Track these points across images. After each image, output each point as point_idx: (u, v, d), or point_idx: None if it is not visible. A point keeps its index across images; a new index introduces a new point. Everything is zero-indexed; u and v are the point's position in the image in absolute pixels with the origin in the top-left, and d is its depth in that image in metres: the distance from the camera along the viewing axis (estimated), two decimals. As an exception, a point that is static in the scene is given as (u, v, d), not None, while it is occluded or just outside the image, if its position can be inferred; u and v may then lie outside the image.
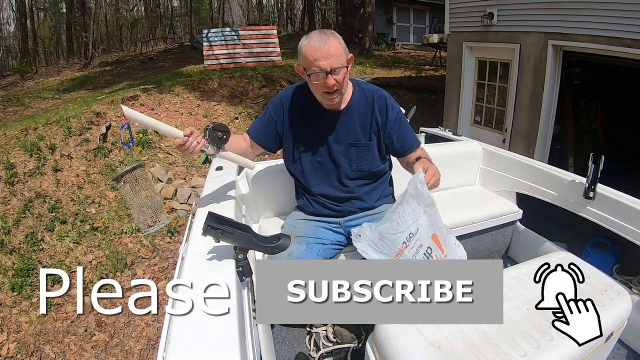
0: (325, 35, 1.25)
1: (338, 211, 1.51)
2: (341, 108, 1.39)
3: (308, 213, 1.57)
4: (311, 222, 1.52)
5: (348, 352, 1.50)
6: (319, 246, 1.44)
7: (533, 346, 0.90)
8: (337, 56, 1.24)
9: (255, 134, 1.47)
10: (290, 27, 22.46)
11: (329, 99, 1.31)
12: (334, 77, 1.24)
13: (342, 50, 1.26)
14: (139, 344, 2.42)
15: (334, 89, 1.28)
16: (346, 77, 1.29)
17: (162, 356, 0.75)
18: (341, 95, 1.33)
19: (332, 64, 1.23)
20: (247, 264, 1.04)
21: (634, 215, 1.52)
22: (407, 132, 1.44)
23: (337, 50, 1.24)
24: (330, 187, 1.49)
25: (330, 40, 1.24)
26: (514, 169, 2.12)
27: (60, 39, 15.79)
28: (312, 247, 1.41)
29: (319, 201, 1.53)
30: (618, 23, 3.29)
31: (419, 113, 5.95)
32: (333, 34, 1.27)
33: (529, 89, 4.33)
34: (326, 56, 1.22)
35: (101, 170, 4.02)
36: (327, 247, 1.47)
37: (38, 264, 2.98)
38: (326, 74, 1.24)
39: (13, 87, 8.97)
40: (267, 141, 1.48)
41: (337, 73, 1.24)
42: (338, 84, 1.26)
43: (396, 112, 1.40)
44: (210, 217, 1.00)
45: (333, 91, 1.28)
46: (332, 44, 1.23)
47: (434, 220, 1.21)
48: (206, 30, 7.47)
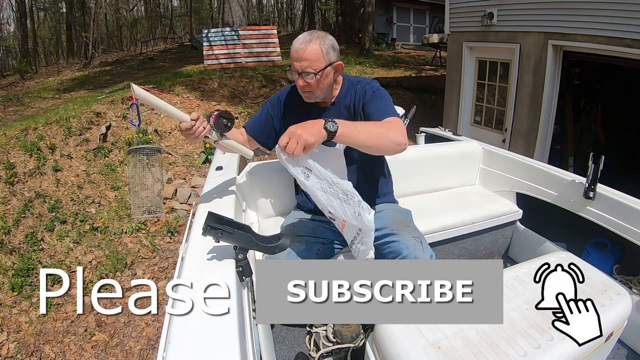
0: (309, 37, 1.27)
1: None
2: (330, 103, 1.41)
3: (307, 211, 1.58)
4: (310, 221, 1.53)
5: (348, 352, 1.50)
6: (318, 245, 1.44)
7: (533, 346, 0.90)
8: (311, 61, 1.25)
9: (252, 129, 1.49)
10: (290, 27, 22.47)
11: (304, 96, 1.35)
12: (303, 79, 1.27)
13: (319, 56, 1.25)
14: (139, 344, 2.42)
15: (304, 89, 1.32)
16: (322, 81, 1.29)
17: (162, 356, 0.75)
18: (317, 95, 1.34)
19: (303, 67, 1.26)
20: (247, 264, 1.04)
21: (634, 215, 1.52)
22: (379, 103, 1.34)
23: (311, 55, 1.25)
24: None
25: (310, 44, 1.25)
26: (514, 169, 2.12)
27: (60, 39, 15.78)
28: (312, 245, 1.41)
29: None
30: (618, 23, 3.29)
31: (419, 113, 5.95)
32: (319, 37, 1.27)
33: (529, 89, 4.33)
34: (299, 58, 1.26)
35: (101, 170, 4.02)
36: (327, 246, 1.47)
37: (38, 264, 2.98)
38: (298, 74, 1.28)
39: (13, 87, 8.97)
40: (263, 137, 1.48)
41: (306, 76, 1.27)
42: (308, 86, 1.29)
43: (374, 89, 1.36)
44: (210, 217, 1.00)
45: (305, 91, 1.32)
46: (310, 48, 1.24)
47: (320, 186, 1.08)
48: (206, 30, 7.47)
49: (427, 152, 2.21)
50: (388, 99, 1.34)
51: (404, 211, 1.52)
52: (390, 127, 1.19)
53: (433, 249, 1.90)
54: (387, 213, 1.46)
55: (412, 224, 1.42)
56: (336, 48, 1.31)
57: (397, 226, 1.36)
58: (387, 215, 1.43)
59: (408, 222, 1.41)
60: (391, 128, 1.18)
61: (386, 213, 1.46)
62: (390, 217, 1.42)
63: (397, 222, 1.39)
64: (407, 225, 1.38)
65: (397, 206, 1.57)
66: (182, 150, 4.56)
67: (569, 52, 3.96)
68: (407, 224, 1.38)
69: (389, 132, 1.15)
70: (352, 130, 1.08)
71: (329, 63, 1.28)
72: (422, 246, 1.28)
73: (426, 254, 1.27)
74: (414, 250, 1.26)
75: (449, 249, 1.99)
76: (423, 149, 2.24)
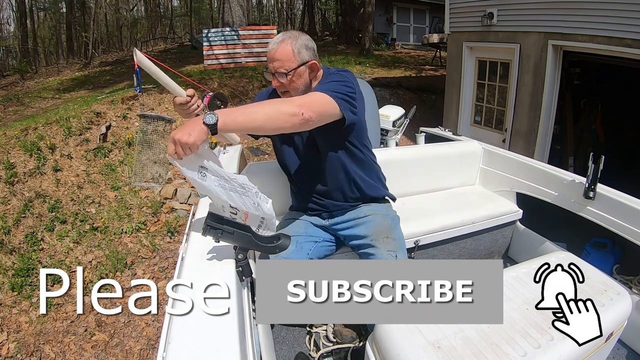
0: (282, 37, 1.27)
1: (321, 205, 1.50)
2: None
3: (298, 209, 1.59)
4: (301, 220, 1.53)
5: (348, 352, 1.50)
6: (310, 244, 1.44)
7: (533, 346, 0.90)
8: (282, 61, 1.25)
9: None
10: (290, 27, 22.45)
11: (281, 96, 1.35)
12: (277, 79, 1.28)
13: (290, 55, 1.25)
14: (139, 344, 2.42)
15: (279, 90, 1.32)
16: (296, 81, 1.28)
17: (162, 356, 0.75)
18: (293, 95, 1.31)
19: (275, 68, 1.27)
20: (247, 264, 1.04)
21: (634, 215, 1.52)
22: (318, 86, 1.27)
23: (282, 56, 1.25)
24: (310, 178, 1.47)
25: (282, 44, 1.25)
26: (514, 169, 2.12)
27: (60, 38, 15.78)
28: (303, 245, 1.40)
29: (303, 195, 1.54)
30: (618, 23, 3.29)
31: (419, 113, 5.95)
32: (291, 37, 1.26)
33: (529, 89, 4.32)
34: (272, 59, 1.27)
35: (101, 170, 4.02)
36: (319, 244, 1.47)
37: (38, 264, 2.98)
38: (272, 75, 1.29)
39: (13, 87, 8.97)
40: None
41: (279, 77, 1.27)
42: (283, 86, 1.30)
43: (328, 75, 1.31)
44: (210, 217, 1.00)
45: (280, 91, 1.33)
46: (281, 48, 1.25)
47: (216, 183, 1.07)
48: (206, 30, 7.47)
49: (427, 152, 2.21)
50: (330, 80, 1.26)
51: (390, 217, 1.47)
52: (287, 100, 1.13)
53: (433, 249, 1.93)
54: (372, 220, 1.42)
55: (393, 233, 1.37)
56: (310, 47, 1.29)
57: (376, 236, 1.34)
58: (370, 224, 1.40)
59: (389, 232, 1.37)
60: (286, 101, 1.12)
61: (371, 219, 1.42)
62: (374, 225, 1.39)
63: (378, 231, 1.36)
64: (386, 235, 1.34)
65: (385, 209, 1.51)
66: (182, 150, 4.56)
67: (569, 52, 3.96)
68: (387, 234, 1.35)
69: (281, 105, 1.07)
70: (234, 117, 1.01)
71: (302, 62, 1.27)
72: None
73: None
74: None
75: (449, 249, 1.99)
76: (423, 149, 2.24)
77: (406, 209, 2.00)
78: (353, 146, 1.39)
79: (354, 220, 1.46)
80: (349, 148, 1.38)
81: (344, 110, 1.21)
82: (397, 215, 1.52)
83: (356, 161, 1.43)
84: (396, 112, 3.10)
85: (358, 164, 1.44)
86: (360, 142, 1.41)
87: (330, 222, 1.51)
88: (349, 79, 1.28)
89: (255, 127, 1.09)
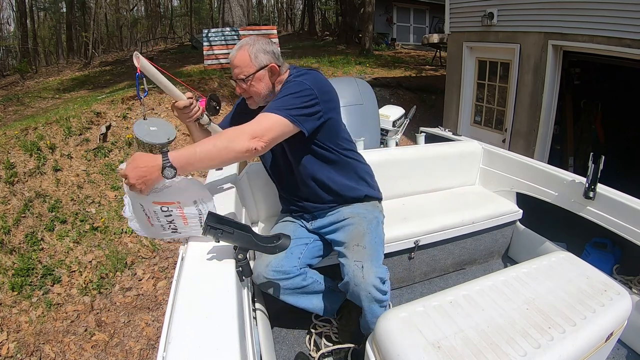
0: (240, 44, 1.30)
1: (302, 207, 1.51)
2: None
3: (285, 212, 1.61)
4: (291, 223, 1.54)
5: (348, 352, 1.50)
6: (300, 248, 1.43)
7: (533, 346, 0.90)
8: (241, 67, 1.28)
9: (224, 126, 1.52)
10: (290, 27, 22.47)
11: (247, 102, 1.38)
12: (239, 86, 1.32)
13: (247, 61, 1.28)
14: (139, 344, 2.42)
15: (243, 96, 1.36)
16: (256, 86, 1.30)
17: (162, 356, 0.75)
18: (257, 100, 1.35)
19: (236, 74, 1.31)
20: (247, 264, 1.04)
21: (634, 215, 1.52)
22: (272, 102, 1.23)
23: (240, 62, 1.28)
24: (287, 183, 1.49)
25: (240, 51, 1.28)
26: (514, 169, 2.12)
27: (60, 38, 15.79)
28: (293, 251, 1.39)
29: (286, 198, 1.55)
30: (618, 23, 3.29)
31: (419, 113, 5.95)
32: (248, 44, 1.29)
33: (529, 89, 4.32)
34: (232, 66, 1.31)
35: (101, 170, 4.02)
36: (309, 246, 1.46)
37: (38, 264, 2.98)
38: (235, 81, 1.32)
39: (13, 86, 8.97)
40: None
41: (240, 82, 1.31)
42: (245, 92, 1.33)
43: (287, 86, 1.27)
44: (210, 217, 1.00)
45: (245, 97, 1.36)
46: (239, 54, 1.28)
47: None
48: (206, 30, 7.46)
49: (427, 152, 2.21)
50: (284, 94, 1.22)
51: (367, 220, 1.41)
52: (239, 133, 1.09)
53: (433, 249, 1.93)
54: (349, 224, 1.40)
55: (365, 239, 1.32)
56: (269, 51, 1.30)
57: (348, 243, 1.33)
58: (346, 229, 1.39)
59: (361, 239, 1.33)
60: (238, 135, 1.08)
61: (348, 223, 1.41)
62: (349, 231, 1.37)
63: (351, 238, 1.34)
64: (357, 242, 1.31)
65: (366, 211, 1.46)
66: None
67: (569, 52, 3.96)
68: (358, 242, 1.32)
69: (234, 142, 1.07)
70: (192, 164, 1.02)
71: (260, 67, 1.29)
72: (362, 272, 1.23)
73: (368, 279, 1.21)
74: (354, 277, 1.24)
75: (449, 249, 1.99)
76: (423, 149, 2.24)
77: (406, 209, 2.00)
78: (324, 149, 1.36)
79: (335, 225, 1.45)
80: (318, 152, 1.36)
81: (301, 124, 1.20)
82: (379, 217, 1.48)
83: (328, 163, 1.40)
84: (396, 112, 3.11)
85: (331, 166, 1.41)
86: (333, 142, 1.37)
87: (314, 226, 1.51)
88: (306, 86, 1.22)
89: (209, 166, 1.13)
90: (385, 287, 1.25)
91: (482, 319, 0.97)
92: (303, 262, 1.41)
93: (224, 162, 1.10)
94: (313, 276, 1.45)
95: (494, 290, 1.07)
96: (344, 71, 7.75)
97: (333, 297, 1.51)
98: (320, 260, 1.53)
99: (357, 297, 1.25)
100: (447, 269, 2.08)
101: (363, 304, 1.26)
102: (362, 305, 1.27)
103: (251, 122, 1.14)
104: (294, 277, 1.37)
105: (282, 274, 1.34)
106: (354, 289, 1.25)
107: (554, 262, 1.21)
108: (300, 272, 1.39)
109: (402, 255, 1.88)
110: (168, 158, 0.98)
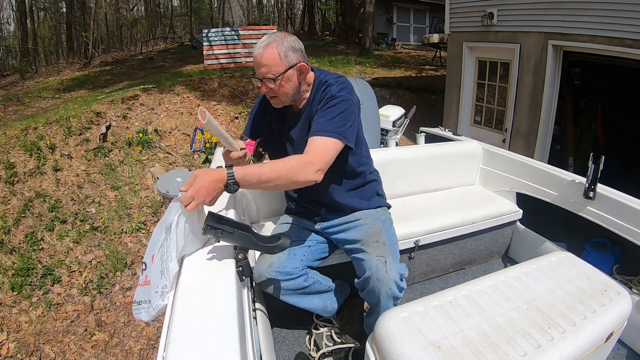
0: (267, 41, 1.21)
1: (313, 211, 1.50)
2: (300, 107, 1.35)
3: (291, 213, 1.59)
4: (295, 225, 1.52)
5: (348, 352, 1.50)
6: (303, 250, 1.42)
7: (533, 346, 0.90)
8: (269, 66, 1.20)
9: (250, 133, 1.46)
10: (290, 27, 22.45)
11: (271, 102, 1.31)
12: (265, 85, 1.24)
13: (277, 60, 1.20)
14: (138, 344, 2.42)
15: (269, 95, 1.29)
16: (285, 85, 1.24)
17: (162, 356, 0.75)
18: (283, 100, 1.29)
19: (262, 73, 1.22)
20: (247, 264, 1.04)
21: (634, 215, 1.52)
22: (322, 118, 1.22)
23: (269, 60, 1.20)
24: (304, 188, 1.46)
25: (267, 48, 1.20)
26: (514, 169, 2.12)
27: (60, 38, 15.79)
28: (296, 252, 1.39)
29: (297, 200, 1.54)
30: (618, 23, 3.29)
31: (419, 113, 5.94)
32: (276, 40, 1.20)
33: (529, 89, 4.32)
34: (258, 65, 1.22)
35: (101, 170, 4.02)
36: (312, 248, 1.45)
37: (38, 264, 2.98)
38: (260, 81, 1.24)
39: (13, 86, 8.96)
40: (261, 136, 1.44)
41: (267, 82, 1.22)
42: (272, 92, 1.25)
43: (329, 97, 1.24)
44: (210, 217, 1.00)
45: (270, 96, 1.29)
46: (267, 52, 1.19)
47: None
48: (206, 30, 7.46)
49: (427, 152, 2.21)
50: (336, 112, 1.21)
51: (380, 221, 1.43)
52: (302, 162, 1.10)
53: (433, 249, 1.93)
54: (363, 224, 1.40)
55: (383, 237, 1.33)
56: (297, 48, 1.24)
57: (367, 240, 1.32)
58: (362, 228, 1.39)
59: (379, 236, 1.33)
60: (302, 169, 1.10)
61: (362, 223, 1.41)
62: (365, 229, 1.37)
63: (369, 235, 1.33)
64: (377, 239, 1.31)
65: (377, 213, 1.48)
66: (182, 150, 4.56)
67: (569, 52, 3.96)
68: (377, 238, 1.32)
69: (297, 175, 1.09)
70: (253, 183, 1.05)
71: (290, 66, 1.22)
72: (385, 267, 1.22)
73: (391, 274, 1.21)
74: (376, 272, 1.22)
75: (449, 249, 1.99)
76: (423, 149, 2.24)
77: (406, 209, 2.00)
78: (348, 161, 1.37)
79: (346, 224, 1.45)
80: (342, 165, 1.35)
81: (349, 141, 1.21)
82: (390, 219, 1.50)
83: (350, 176, 1.42)
84: (396, 112, 3.10)
85: (351, 178, 1.43)
86: (358, 153, 1.39)
87: (322, 226, 1.50)
88: (350, 101, 1.23)
89: (267, 189, 1.14)
90: (403, 285, 1.24)
91: (482, 319, 0.97)
92: (305, 263, 1.41)
93: (281, 188, 1.13)
94: (314, 277, 1.44)
95: (494, 290, 1.07)
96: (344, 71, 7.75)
97: (334, 297, 1.51)
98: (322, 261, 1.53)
99: (377, 293, 1.22)
100: (447, 269, 2.08)
101: (381, 300, 1.22)
102: (378, 301, 1.23)
103: (314, 153, 1.13)
104: (296, 278, 1.36)
105: (285, 274, 1.33)
106: (375, 284, 1.21)
107: (554, 262, 1.21)
108: (302, 273, 1.38)
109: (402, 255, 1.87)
110: (233, 173, 1.02)
